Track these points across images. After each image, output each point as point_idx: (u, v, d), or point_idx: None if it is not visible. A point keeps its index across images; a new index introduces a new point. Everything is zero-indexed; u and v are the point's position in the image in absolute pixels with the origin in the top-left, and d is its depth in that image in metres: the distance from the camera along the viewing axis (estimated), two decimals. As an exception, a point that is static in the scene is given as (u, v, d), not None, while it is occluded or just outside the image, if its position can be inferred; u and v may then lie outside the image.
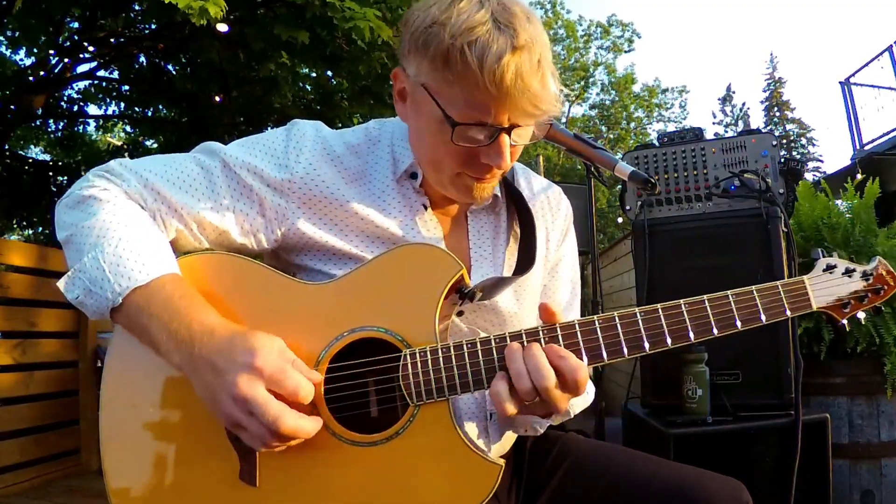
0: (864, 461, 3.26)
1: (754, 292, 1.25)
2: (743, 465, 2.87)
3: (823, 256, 1.34)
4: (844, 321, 1.32)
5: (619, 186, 3.30)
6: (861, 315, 1.32)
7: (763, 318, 1.25)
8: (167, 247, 1.30)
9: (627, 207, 3.25)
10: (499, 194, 1.53)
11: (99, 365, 4.66)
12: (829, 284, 1.30)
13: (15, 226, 10.86)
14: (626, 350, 1.22)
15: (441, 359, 1.23)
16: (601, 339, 1.23)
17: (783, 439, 2.77)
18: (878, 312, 1.31)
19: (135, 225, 1.27)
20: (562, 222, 1.65)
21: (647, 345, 1.23)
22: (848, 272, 1.31)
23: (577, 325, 1.24)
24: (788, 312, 1.26)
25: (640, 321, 1.23)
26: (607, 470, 1.46)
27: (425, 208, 1.47)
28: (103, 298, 1.21)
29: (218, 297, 1.28)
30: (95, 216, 1.26)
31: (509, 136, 1.27)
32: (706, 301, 1.24)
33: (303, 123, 1.46)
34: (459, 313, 1.44)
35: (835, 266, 1.31)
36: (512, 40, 1.18)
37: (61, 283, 1.24)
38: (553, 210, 1.64)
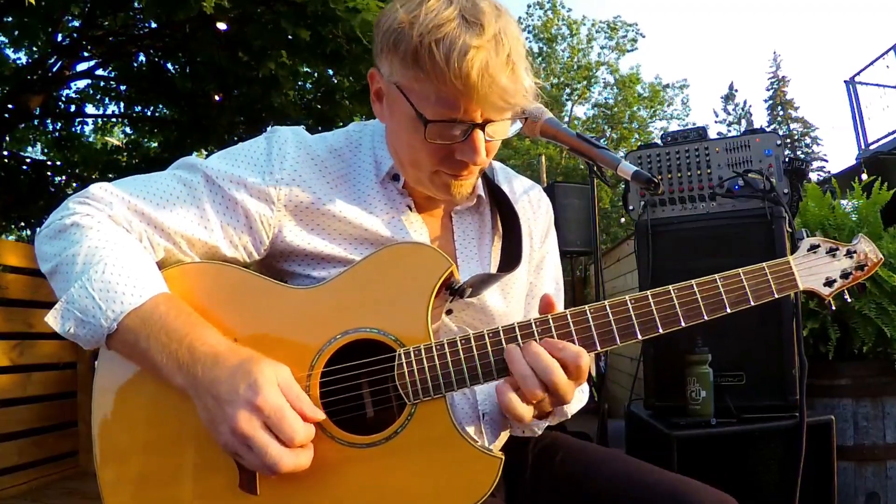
0: (869, 463, 3.25)
1: (741, 274, 1.27)
2: (747, 467, 2.87)
3: (807, 236, 1.35)
4: (831, 300, 1.33)
5: (622, 186, 3.27)
6: (847, 296, 1.35)
7: (751, 299, 1.26)
8: (155, 267, 1.28)
9: (630, 207, 3.23)
10: (482, 194, 1.54)
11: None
12: (813, 264, 1.32)
13: (13, 227, 10.85)
14: (618, 337, 1.24)
15: (436, 356, 1.23)
16: (593, 327, 1.24)
17: (788, 441, 2.76)
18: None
19: (121, 248, 1.24)
20: (543, 220, 1.66)
21: (638, 331, 1.24)
22: (832, 251, 1.33)
23: (568, 315, 1.24)
24: (775, 293, 1.28)
25: (630, 308, 1.24)
26: (599, 472, 1.45)
27: (410, 209, 1.47)
28: (97, 327, 1.18)
29: (208, 306, 1.27)
30: (80, 243, 1.23)
31: (483, 131, 1.27)
32: (695, 286, 1.26)
33: (283, 130, 1.45)
34: (448, 311, 1.44)
35: (818, 245, 1.33)
36: (478, 35, 1.19)
37: (50, 318, 1.20)
38: (535, 209, 1.65)
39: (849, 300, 1.35)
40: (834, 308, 1.34)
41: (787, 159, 3.04)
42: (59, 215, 1.29)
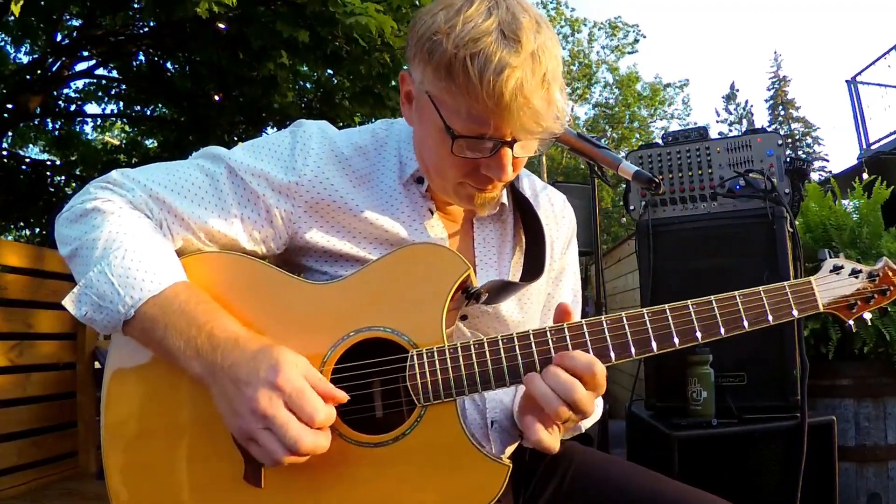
0: (870, 464, 3.24)
1: (762, 293, 1.25)
2: (748, 467, 2.86)
3: (831, 257, 1.34)
4: (851, 322, 1.31)
5: (623, 186, 3.26)
6: (867, 316, 1.32)
7: (770, 318, 1.25)
8: (174, 255, 1.28)
9: (631, 207, 3.22)
10: (506, 202, 1.52)
11: (97, 366, 4.64)
12: (836, 285, 1.30)
13: (12, 227, 10.84)
14: (633, 350, 1.22)
15: (448, 359, 1.22)
16: (609, 338, 1.22)
17: (789, 442, 2.75)
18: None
19: (141, 234, 1.25)
20: (566, 231, 1.64)
21: (654, 345, 1.22)
22: (854, 273, 1.31)
23: (584, 326, 1.23)
24: (795, 313, 1.26)
25: (647, 321, 1.23)
26: (608, 482, 1.44)
27: (431, 213, 1.45)
28: (114, 313, 1.19)
29: (223, 296, 1.27)
30: (100, 228, 1.23)
31: (512, 149, 1.24)
32: (714, 301, 1.24)
33: (308, 124, 1.44)
34: (463, 317, 1.43)
35: (841, 267, 1.31)
36: (516, 53, 1.15)
37: (67, 301, 1.21)
38: (558, 218, 1.63)
39: (869, 322, 1.33)
40: (854, 330, 1.32)
41: (788, 159, 3.03)
42: (80, 199, 1.30)
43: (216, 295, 1.26)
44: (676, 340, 1.22)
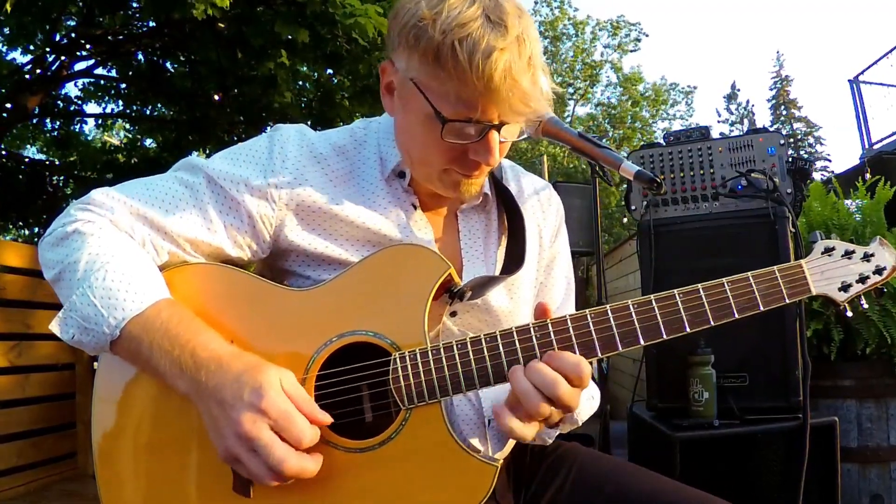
0: (873, 465, 3.24)
1: (750, 278, 1.22)
2: (750, 468, 2.86)
3: (822, 239, 1.28)
4: (845, 305, 1.26)
5: (625, 186, 3.25)
6: (864, 302, 1.27)
7: (761, 305, 1.21)
8: (157, 272, 1.27)
9: (633, 207, 3.21)
10: (489, 193, 1.51)
11: (95, 367, 4.63)
12: (828, 267, 1.26)
13: (11, 226, 10.85)
14: (619, 343, 1.20)
15: (431, 360, 1.21)
16: (594, 332, 1.20)
17: (791, 443, 2.76)
18: (880, 295, 1.25)
19: (122, 254, 1.24)
20: (553, 219, 1.64)
21: (641, 337, 1.20)
22: (847, 254, 1.26)
23: (568, 320, 1.21)
24: (787, 298, 1.22)
25: (633, 313, 1.21)
26: (608, 482, 1.43)
27: (415, 208, 1.45)
28: (100, 334, 1.18)
29: (206, 308, 1.26)
30: (81, 250, 1.23)
31: (499, 132, 1.25)
32: (701, 290, 1.21)
33: (286, 128, 1.44)
34: (453, 314, 1.42)
35: (833, 248, 1.26)
36: (502, 37, 1.17)
37: (54, 326, 1.21)
38: (544, 207, 1.63)
39: (865, 306, 1.28)
40: (850, 314, 1.26)
41: (790, 159, 3.02)
42: (61, 222, 1.29)
43: (199, 307, 1.26)
44: (664, 332, 1.20)
